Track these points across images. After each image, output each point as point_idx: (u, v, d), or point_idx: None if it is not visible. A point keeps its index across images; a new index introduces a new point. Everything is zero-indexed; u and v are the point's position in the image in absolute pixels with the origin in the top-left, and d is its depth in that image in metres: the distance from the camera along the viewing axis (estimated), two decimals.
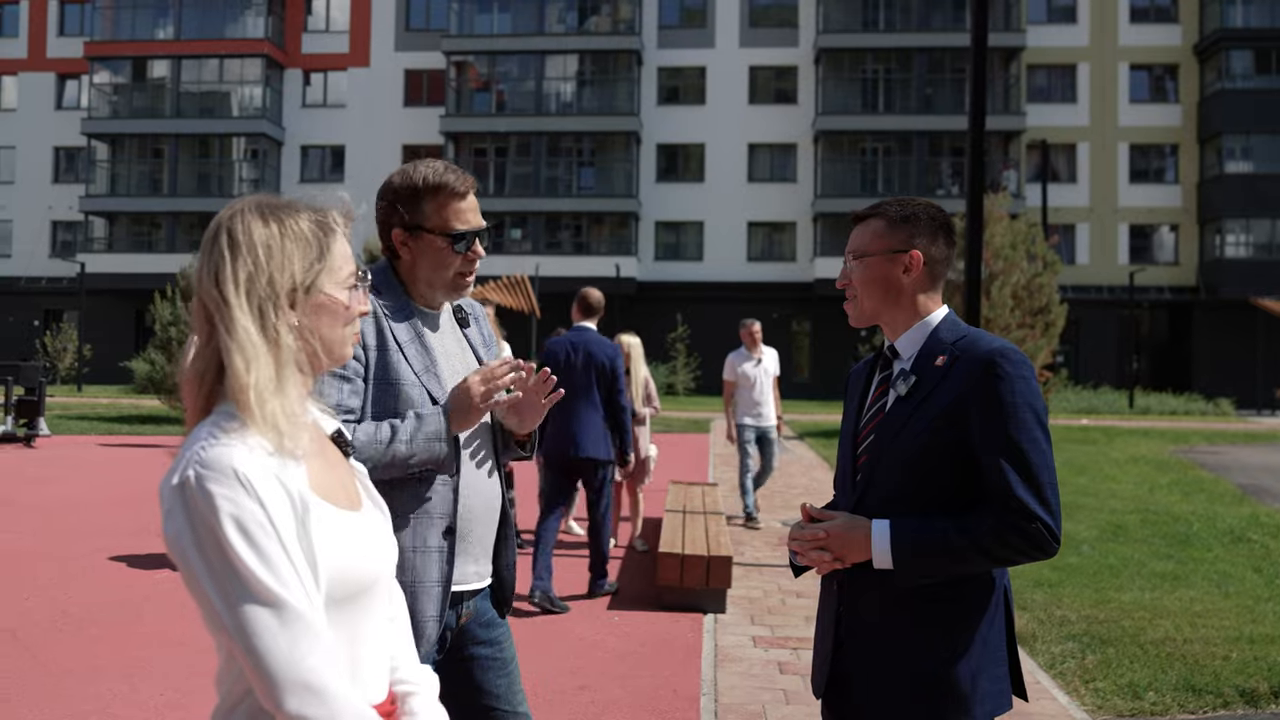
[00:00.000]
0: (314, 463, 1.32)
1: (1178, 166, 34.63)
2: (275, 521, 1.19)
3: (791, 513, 9.46)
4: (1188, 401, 28.94)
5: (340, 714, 1.18)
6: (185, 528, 1.18)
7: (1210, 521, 9.21)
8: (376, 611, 1.35)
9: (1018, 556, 1.76)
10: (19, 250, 37.97)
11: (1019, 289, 17.42)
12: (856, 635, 1.89)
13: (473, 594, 2.11)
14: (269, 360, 1.24)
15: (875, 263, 1.96)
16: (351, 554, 1.28)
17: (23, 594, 5.74)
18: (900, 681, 1.82)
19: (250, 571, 1.16)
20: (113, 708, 3.96)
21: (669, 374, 31.93)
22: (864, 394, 2.03)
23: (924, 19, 34.28)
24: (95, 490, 10.00)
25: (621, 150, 35.30)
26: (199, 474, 1.18)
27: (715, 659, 4.76)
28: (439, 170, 2.07)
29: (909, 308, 1.96)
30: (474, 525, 2.10)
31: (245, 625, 1.16)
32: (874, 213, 2.00)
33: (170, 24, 36.53)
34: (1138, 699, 4.29)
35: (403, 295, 2.09)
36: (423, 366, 2.05)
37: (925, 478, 1.84)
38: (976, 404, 1.79)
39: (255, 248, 1.27)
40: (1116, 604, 5.97)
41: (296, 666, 1.16)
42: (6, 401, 14.66)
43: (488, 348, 2.27)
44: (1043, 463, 1.77)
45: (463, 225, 2.07)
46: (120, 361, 30.90)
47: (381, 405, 1.99)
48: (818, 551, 1.85)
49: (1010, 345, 1.87)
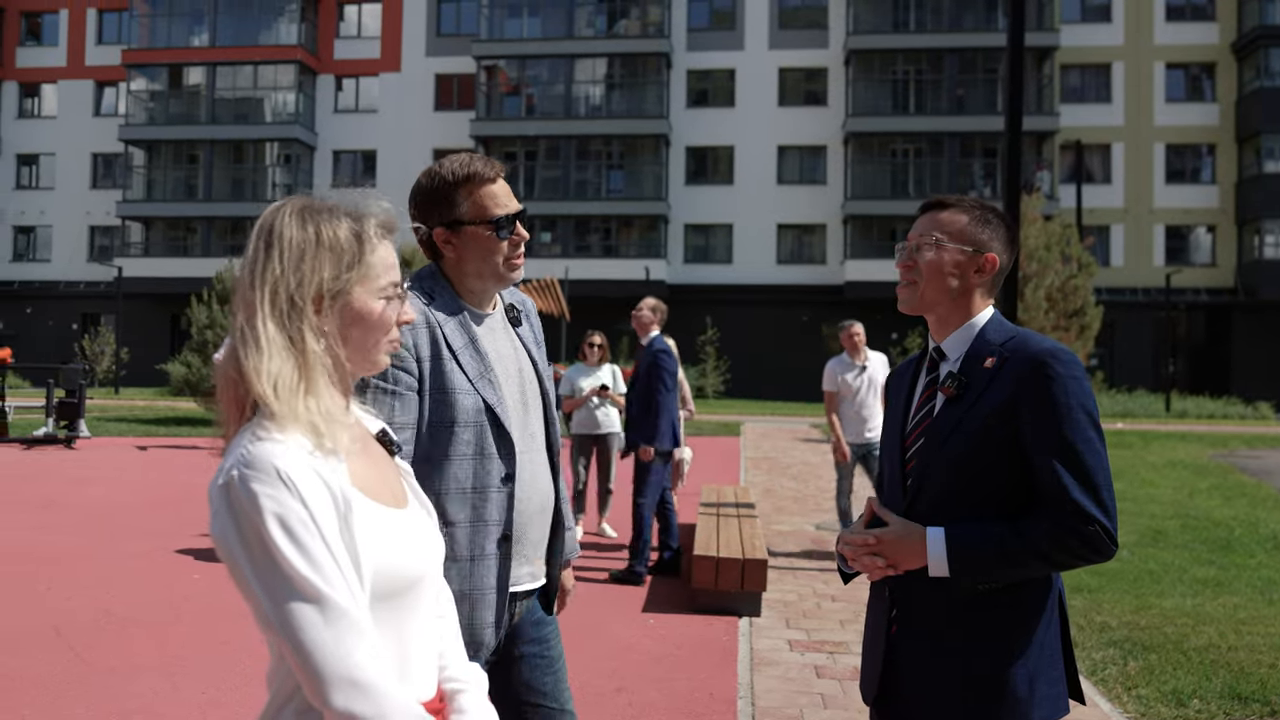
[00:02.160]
0: (357, 460, 1.32)
1: (1215, 166, 34.09)
2: (318, 519, 1.20)
3: (826, 516, 9.41)
4: (1226, 405, 28.44)
5: (387, 710, 1.18)
6: (230, 527, 1.20)
7: (1252, 527, 9.05)
8: (423, 609, 1.36)
9: (1074, 560, 1.74)
10: (58, 255, 38.66)
11: (1053, 291, 17.25)
12: (910, 641, 1.86)
13: (526, 595, 2.11)
14: (290, 362, 1.25)
15: (952, 253, 1.91)
16: (396, 551, 1.29)
17: (66, 593, 5.84)
18: (956, 687, 1.79)
19: (295, 569, 1.17)
20: (155, 705, 4.01)
21: (699, 377, 31.88)
22: (909, 397, 2.00)
23: (955, 19, 34.01)
24: (134, 491, 10.15)
25: (651, 153, 35.32)
26: (242, 474, 1.19)
27: (751, 662, 4.74)
28: (465, 161, 2.06)
29: (964, 307, 1.93)
30: (528, 529, 2.08)
31: (291, 622, 1.17)
32: (956, 204, 1.95)
33: (205, 31, 37.07)
34: (1182, 706, 4.22)
35: (454, 298, 2.07)
36: (477, 373, 2.02)
37: (977, 481, 1.81)
38: (1028, 405, 1.76)
39: (287, 250, 1.28)
40: (1158, 610, 5.88)
41: (343, 662, 1.17)
42: (48, 404, 14.91)
43: (539, 345, 2.26)
44: (1098, 464, 1.74)
45: (500, 210, 2.05)
46: (156, 364, 31.34)
47: (438, 415, 1.97)
48: (870, 557, 1.83)
49: (1061, 345, 1.83)
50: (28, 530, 7.80)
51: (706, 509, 7.30)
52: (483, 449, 1.99)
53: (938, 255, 1.90)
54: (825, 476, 12.66)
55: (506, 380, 2.09)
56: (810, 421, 23.72)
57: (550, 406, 2.18)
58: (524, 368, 2.15)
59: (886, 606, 1.91)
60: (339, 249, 1.30)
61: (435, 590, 1.43)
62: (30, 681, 4.26)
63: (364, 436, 1.41)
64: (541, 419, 2.16)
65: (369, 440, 1.42)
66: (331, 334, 1.30)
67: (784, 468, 13.72)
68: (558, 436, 2.20)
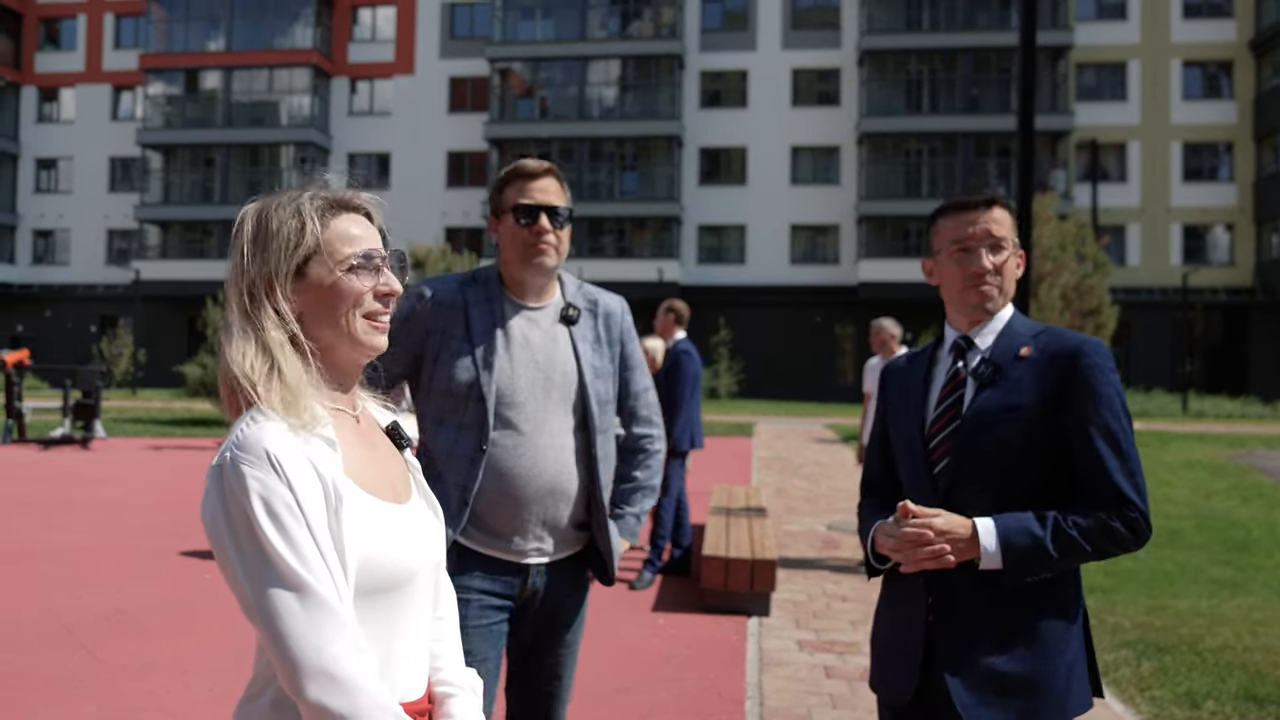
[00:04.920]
0: (356, 451, 1.32)
1: (1233, 165, 33.80)
2: (304, 506, 1.19)
3: (835, 515, 9.37)
4: (1244, 405, 28.19)
5: (361, 706, 1.15)
6: (219, 508, 1.19)
7: (1270, 528, 8.97)
8: (414, 607, 1.33)
9: (1116, 548, 1.75)
10: (76, 258, 39.00)
11: (1068, 290, 17.14)
12: (949, 638, 1.82)
13: (538, 567, 2.24)
14: (257, 349, 1.27)
15: (1014, 253, 1.94)
16: (386, 545, 1.27)
17: (79, 592, 5.88)
18: (995, 682, 1.77)
19: (277, 554, 1.16)
20: (166, 703, 4.03)
21: (712, 377, 31.85)
22: (925, 387, 1.96)
23: (969, 18, 33.86)
24: (149, 491, 10.21)
25: (664, 154, 35.32)
26: (234, 455, 1.20)
27: (760, 662, 4.72)
28: (521, 160, 2.26)
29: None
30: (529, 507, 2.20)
31: (270, 609, 1.16)
32: (1003, 202, 1.96)
33: (221, 36, 37.32)
34: (1196, 708, 4.17)
35: (496, 286, 2.26)
36: (485, 352, 2.18)
37: (1013, 471, 1.80)
38: (1071, 394, 1.78)
39: (245, 245, 1.32)
40: (1172, 611, 5.83)
41: (320, 654, 1.15)
42: (65, 405, 15.04)
43: (602, 345, 2.34)
44: (1134, 452, 1.78)
45: (527, 200, 2.21)
46: (173, 366, 31.55)
47: (441, 382, 2.19)
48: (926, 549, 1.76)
49: (1093, 338, 1.86)
50: (42, 530, 7.86)
51: (717, 509, 7.29)
52: (463, 420, 2.18)
53: (1008, 258, 1.92)
54: (837, 477, 12.62)
55: (523, 367, 2.21)
56: (824, 422, 23.64)
57: (589, 402, 2.26)
58: (557, 361, 2.25)
59: (920, 607, 1.86)
60: (283, 233, 1.31)
61: (432, 590, 1.41)
62: (42, 679, 4.28)
63: (369, 428, 1.40)
64: (568, 412, 2.25)
65: (375, 433, 1.41)
66: (297, 316, 1.31)
67: (796, 468, 13.68)
68: (594, 431, 2.27)
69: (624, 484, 2.43)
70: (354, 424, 1.36)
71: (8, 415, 14.96)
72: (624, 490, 2.43)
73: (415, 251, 20.61)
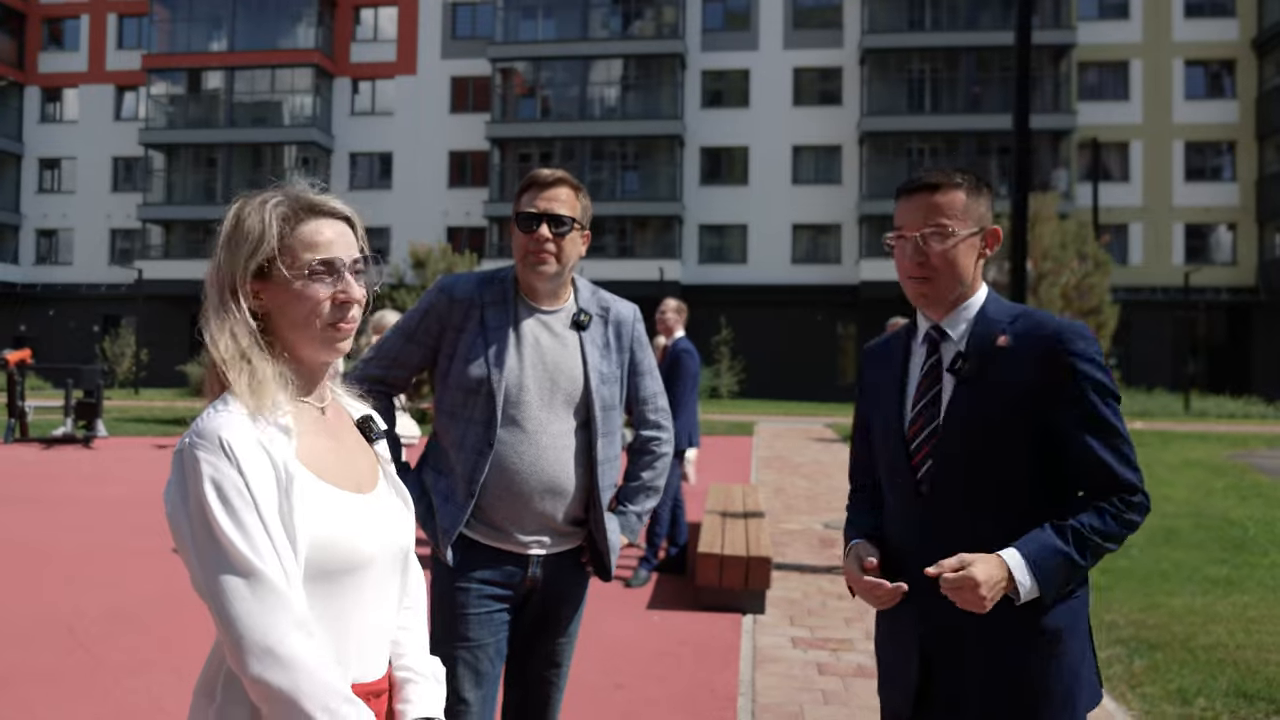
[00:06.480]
0: (316, 439, 1.35)
1: (1235, 164, 33.75)
2: (254, 489, 1.23)
3: (834, 514, 9.39)
4: (1246, 405, 28.16)
5: (302, 684, 1.19)
6: (178, 491, 1.25)
7: (1268, 526, 8.97)
8: (372, 592, 1.36)
9: (1128, 532, 1.73)
10: (79, 258, 39.08)
11: (1068, 289, 17.13)
12: (950, 647, 1.77)
13: (538, 559, 2.33)
14: (228, 339, 1.32)
15: (966, 242, 1.77)
16: (338, 530, 1.30)
17: (79, 590, 5.91)
18: (1004, 686, 1.73)
19: (225, 536, 1.21)
20: (163, 702, 4.06)
21: (713, 377, 31.86)
22: (902, 381, 1.87)
23: (971, 18, 33.84)
24: (149, 490, 10.25)
25: (665, 154, 35.34)
26: (192, 440, 1.26)
27: (754, 659, 4.75)
28: (538, 169, 2.37)
29: (973, 288, 1.82)
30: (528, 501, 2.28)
31: (219, 590, 1.20)
32: (951, 183, 1.79)
33: (224, 36, 37.38)
34: (1186, 705, 4.19)
35: (510, 288, 2.35)
36: (496, 351, 2.26)
37: (999, 470, 1.73)
38: (1056, 384, 1.70)
39: (222, 245, 1.37)
40: (1167, 609, 5.84)
41: (266, 634, 1.19)
42: (67, 404, 15.08)
43: (617, 351, 2.40)
44: (1125, 434, 1.74)
45: (530, 208, 2.31)
46: (176, 365, 31.66)
47: (455, 379, 2.29)
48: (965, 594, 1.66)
49: (1075, 322, 1.78)
50: (43, 528, 7.90)
51: (713, 507, 7.31)
52: (472, 415, 2.27)
53: (951, 248, 1.76)
54: (837, 476, 12.64)
55: (531, 368, 2.28)
56: (824, 421, 23.65)
57: (593, 406, 2.32)
58: (565, 364, 2.32)
59: (914, 616, 1.80)
60: (250, 235, 1.35)
61: (396, 577, 1.43)
62: (41, 677, 4.32)
63: (337, 421, 1.43)
64: (572, 414, 2.32)
65: (343, 425, 1.44)
66: (266, 313, 1.36)
67: (795, 467, 13.70)
68: (596, 434, 2.33)
69: (629, 483, 2.52)
70: (317, 415, 1.40)
71: (10, 414, 15.01)
72: (628, 489, 2.51)
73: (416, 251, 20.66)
